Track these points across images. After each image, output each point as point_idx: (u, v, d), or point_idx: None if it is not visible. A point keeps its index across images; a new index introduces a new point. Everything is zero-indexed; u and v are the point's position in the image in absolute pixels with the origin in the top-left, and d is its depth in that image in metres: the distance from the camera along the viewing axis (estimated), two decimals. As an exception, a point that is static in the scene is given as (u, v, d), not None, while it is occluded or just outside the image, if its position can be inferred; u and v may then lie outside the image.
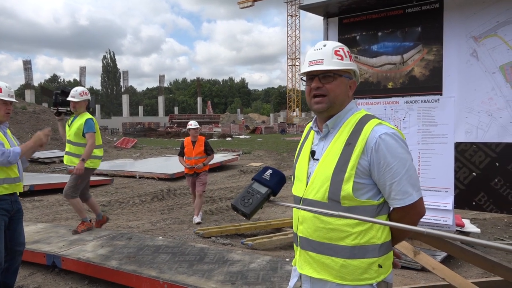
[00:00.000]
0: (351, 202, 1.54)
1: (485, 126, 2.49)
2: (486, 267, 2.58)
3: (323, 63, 1.62)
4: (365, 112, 1.67)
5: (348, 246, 1.54)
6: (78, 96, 5.18)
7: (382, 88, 2.87)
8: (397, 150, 1.53)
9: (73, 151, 5.21)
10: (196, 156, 7.04)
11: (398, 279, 4.13)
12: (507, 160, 2.43)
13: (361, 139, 1.55)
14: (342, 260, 1.55)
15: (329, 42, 1.70)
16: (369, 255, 1.54)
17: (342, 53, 1.64)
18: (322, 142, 1.67)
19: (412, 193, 1.53)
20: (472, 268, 4.51)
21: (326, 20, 3.09)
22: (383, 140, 1.52)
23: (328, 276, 1.58)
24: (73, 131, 5.15)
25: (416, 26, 2.71)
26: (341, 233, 1.55)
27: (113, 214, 7.75)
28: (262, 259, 4.11)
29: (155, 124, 55.33)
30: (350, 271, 1.54)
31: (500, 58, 2.42)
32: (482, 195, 2.52)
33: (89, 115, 5.25)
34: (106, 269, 3.93)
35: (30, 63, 53.44)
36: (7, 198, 3.30)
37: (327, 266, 1.58)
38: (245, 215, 1.49)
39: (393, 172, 1.51)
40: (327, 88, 1.62)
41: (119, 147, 22.82)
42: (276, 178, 1.57)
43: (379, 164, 1.52)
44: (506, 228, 6.18)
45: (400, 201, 1.54)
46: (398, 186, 1.52)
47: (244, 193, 1.53)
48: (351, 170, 1.53)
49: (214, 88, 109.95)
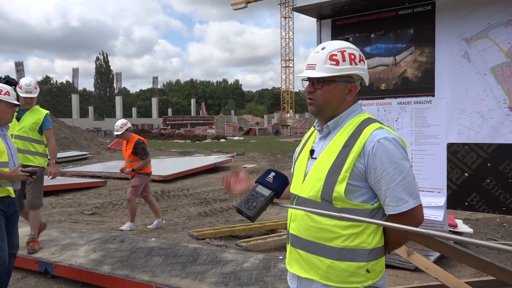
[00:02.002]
0: (343, 203, 1.52)
1: (477, 127, 2.51)
2: (478, 267, 2.60)
3: (315, 69, 1.60)
4: (368, 115, 1.66)
5: (337, 248, 1.53)
6: (34, 91, 4.78)
7: (375, 89, 2.88)
8: (395, 155, 1.50)
9: (28, 148, 4.68)
10: (128, 159, 6.46)
11: (392, 279, 4.15)
12: (498, 161, 2.45)
13: (359, 142, 1.53)
14: (330, 261, 1.54)
15: (331, 44, 1.65)
16: (358, 259, 1.53)
17: (340, 57, 1.59)
18: (322, 142, 1.66)
19: (407, 200, 1.50)
20: (465, 268, 4.54)
21: (319, 22, 3.10)
22: (382, 144, 1.50)
23: (315, 276, 1.57)
24: (27, 126, 4.69)
25: (408, 28, 2.72)
26: (331, 233, 1.54)
27: (106, 216, 7.71)
28: (255, 258, 4.10)
29: (149, 126, 55.21)
30: (336, 272, 1.53)
31: (491, 60, 2.44)
32: (474, 196, 2.54)
33: (44, 110, 4.88)
34: (99, 275, 3.90)
35: (22, 65, 52.97)
36: (4, 199, 3.32)
37: (315, 266, 1.57)
38: (250, 218, 1.50)
39: (389, 178, 1.49)
40: (317, 94, 1.61)
41: (113, 149, 22.70)
42: (279, 180, 1.57)
43: (375, 168, 1.50)
44: (498, 228, 6.23)
45: (394, 207, 1.51)
46: (393, 193, 1.49)
47: (248, 196, 1.53)
48: (345, 172, 1.52)
49: (207, 89, 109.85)
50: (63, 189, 10.00)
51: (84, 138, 24.38)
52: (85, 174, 12.70)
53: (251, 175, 7.81)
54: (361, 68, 1.64)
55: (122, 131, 6.34)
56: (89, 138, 25.23)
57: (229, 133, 44.36)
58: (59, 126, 24.18)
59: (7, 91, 3.43)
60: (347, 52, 1.61)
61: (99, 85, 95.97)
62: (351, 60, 1.60)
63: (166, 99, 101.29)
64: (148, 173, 6.58)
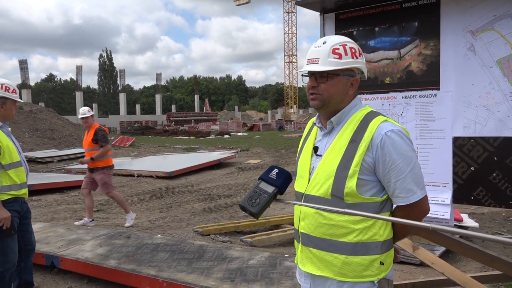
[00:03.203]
0: (355, 198, 1.53)
1: (482, 121, 2.49)
2: (484, 261, 2.58)
3: (318, 63, 1.59)
4: (370, 108, 1.66)
5: (350, 243, 1.53)
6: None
7: (380, 83, 2.86)
8: (402, 147, 1.51)
9: None
10: (88, 148, 6.29)
11: (398, 274, 4.14)
12: (505, 154, 2.43)
13: (367, 136, 1.53)
14: (344, 256, 1.54)
15: (331, 38, 1.64)
16: (371, 252, 1.54)
17: (342, 51, 1.59)
18: (326, 138, 1.66)
19: (416, 191, 1.52)
20: (470, 262, 4.53)
21: (323, 16, 3.08)
22: (389, 137, 1.51)
23: (329, 273, 1.57)
24: None
25: (413, 21, 2.69)
26: (344, 229, 1.54)
27: (111, 213, 7.75)
28: (261, 256, 4.11)
29: (153, 123, 55.24)
30: (351, 267, 1.54)
31: (497, 52, 2.41)
32: (481, 190, 2.52)
33: None
34: (105, 269, 3.92)
35: (26, 63, 53.29)
36: (18, 199, 3.37)
37: (329, 263, 1.57)
38: (253, 214, 1.50)
39: (398, 170, 1.50)
40: (321, 88, 1.61)
41: (117, 146, 22.78)
42: (283, 177, 1.57)
43: (384, 161, 1.51)
44: (504, 222, 6.20)
45: (404, 199, 1.53)
46: (402, 184, 1.51)
47: (251, 193, 1.54)
48: (355, 167, 1.52)
49: (211, 85, 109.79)
50: (68, 186, 10.04)
51: (88, 135, 24.43)
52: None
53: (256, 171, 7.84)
54: (361, 62, 1.65)
55: (88, 114, 6.40)
56: (93, 135, 25.28)
57: (233, 129, 44.36)
58: (64, 123, 24.28)
59: (14, 89, 3.48)
60: (348, 46, 1.62)
61: (103, 82, 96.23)
62: (352, 53, 1.61)
63: (169, 95, 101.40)
64: (110, 166, 6.42)
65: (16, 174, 3.31)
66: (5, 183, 3.24)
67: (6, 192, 3.25)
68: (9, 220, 3.18)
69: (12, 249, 3.27)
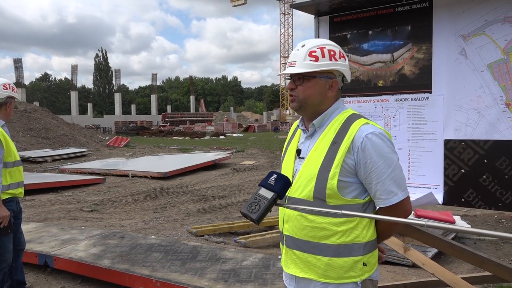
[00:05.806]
0: (337, 200, 1.54)
1: (473, 124, 2.52)
2: (475, 262, 2.61)
3: (295, 66, 1.62)
4: (352, 111, 1.67)
5: (333, 245, 1.55)
6: None
7: (373, 86, 2.89)
8: (383, 149, 1.53)
9: None
10: None
11: (390, 275, 4.18)
12: (495, 157, 2.46)
13: (347, 138, 1.55)
14: (327, 258, 1.55)
15: (310, 41, 1.66)
16: (354, 254, 1.55)
17: (319, 54, 1.60)
18: (308, 141, 1.67)
19: (397, 192, 1.54)
20: (462, 264, 4.57)
21: (317, 19, 3.11)
22: (370, 139, 1.52)
23: (313, 275, 1.58)
24: None
25: (406, 25, 2.73)
26: (327, 231, 1.55)
27: (105, 213, 7.72)
28: (254, 257, 4.12)
29: (148, 123, 55.18)
30: (335, 269, 1.55)
31: (488, 57, 2.45)
32: (471, 192, 2.56)
33: None
34: (99, 268, 3.92)
35: (20, 62, 53.05)
36: (14, 199, 3.39)
37: (312, 265, 1.58)
38: (254, 221, 1.52)
39: (378, 172, 1.51)
40: (298, 90, 1.63)
41: (112, 146, 22.70)
42: (281, 182, 1.58)
43: (365, 163, 1.52)
44: (496, 224, 6.26)
45: (385, 200, 1.54)
46: (383, 186, 1.52)
47: (251, 200, 1.56)
48: (335, 169, 1.53)
49: (207, 86, 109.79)
50: (62, 186, 10.00)
51: (83, 135, 24.35)
52: (84, 171, 12.70)
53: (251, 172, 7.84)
54: (341, 64, 1.65)
55: None
56: (88, 135, 25.20)
57: (228, 130, 44.36)
58: (58, 123, 24.15)
59: (13, 87, 3.51)
60: (326, 48, 1.63)
61: (98, 82, 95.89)
62: (331, 56, 1.62)
63: (165, 96, 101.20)
64: None
65: (17, 172, 3.35)
66: (5, 183, 3.25)
67: (5, 191, 3.25)
68: (8, 219, 3.19)
69: (8, 248, 3.27)
